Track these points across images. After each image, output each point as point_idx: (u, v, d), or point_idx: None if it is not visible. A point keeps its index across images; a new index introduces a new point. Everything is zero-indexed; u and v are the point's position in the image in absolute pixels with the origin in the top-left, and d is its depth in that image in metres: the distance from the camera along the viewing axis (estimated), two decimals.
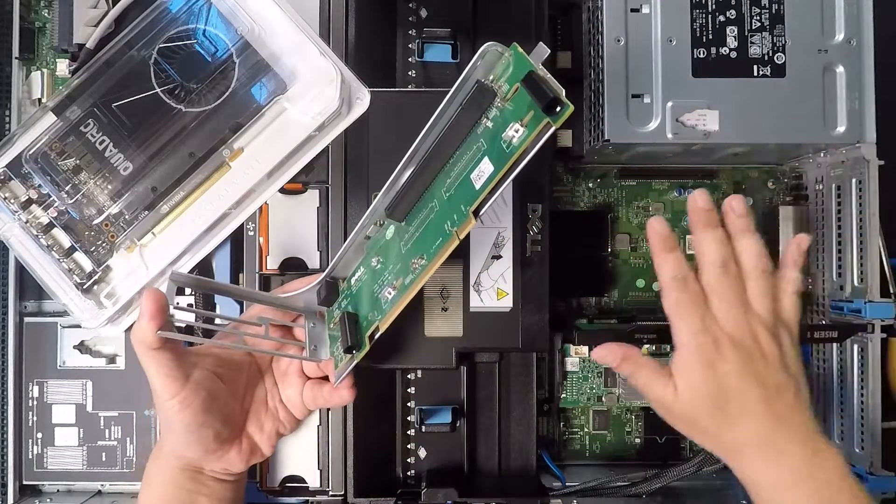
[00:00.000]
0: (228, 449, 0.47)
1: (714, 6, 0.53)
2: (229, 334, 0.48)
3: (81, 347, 0.56)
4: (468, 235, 0.41)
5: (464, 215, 0.39)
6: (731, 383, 0.42)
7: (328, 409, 0.54)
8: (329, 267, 0.47)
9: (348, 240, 0.46)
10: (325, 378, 0.49)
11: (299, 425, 0.53)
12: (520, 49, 0.38)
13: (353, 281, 0.47)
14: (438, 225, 0.41)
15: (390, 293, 0.43)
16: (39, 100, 0.57)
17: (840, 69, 0.53)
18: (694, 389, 0.42)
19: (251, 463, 0.49)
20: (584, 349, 0.59)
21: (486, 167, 0.39)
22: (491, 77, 0.40)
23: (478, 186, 0.39)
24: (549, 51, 0.38)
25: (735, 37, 0.53)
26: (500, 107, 0.39)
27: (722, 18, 0.53)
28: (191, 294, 0.57)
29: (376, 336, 0.44)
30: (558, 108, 0.36)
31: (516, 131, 0.37)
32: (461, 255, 0.50)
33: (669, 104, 0.52)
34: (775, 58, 0.53)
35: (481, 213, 0.39)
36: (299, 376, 0.50)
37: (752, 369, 0.42)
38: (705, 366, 0.42)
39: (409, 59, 0.57)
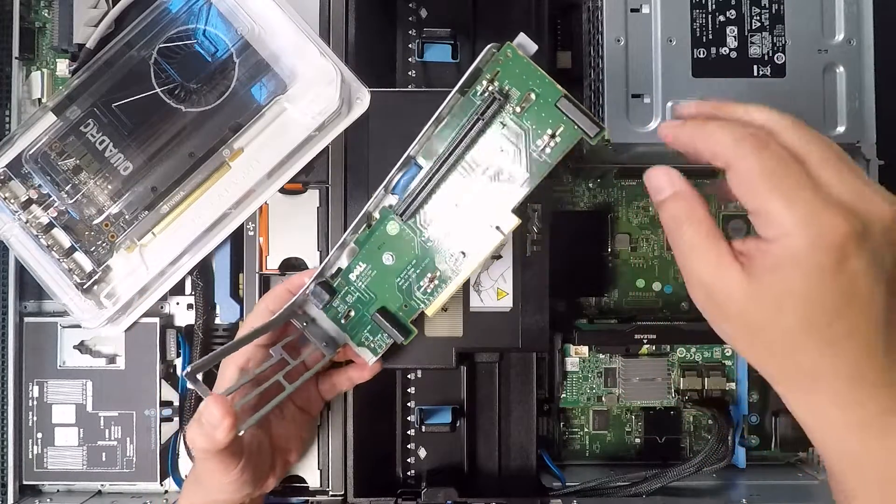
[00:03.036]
0: (267, 479, 0.48)
1: (714, 6, 0.53)
2: (271, 386, 0.45)
3: (81, 347, 0.56)
4: None
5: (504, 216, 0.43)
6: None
7: (328, 410, 0.54)
8: (317, 272, 0.47)
9: (337, 245, 0.46)
10: (333, 366, 0.50)
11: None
12: (535, 66, 0.41)
13: (352, 277, 0.46)
14: (475, 222, 0.43)
15: (428, 284, 0.45)
16: (39, 100, 0.57)
17: (840, 69, 0.53)
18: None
19: (284, 477, 0.50)
20: (584, 349, 0.59)
21: (518, 172, 0.42)
22: (492, 78, 0.41)
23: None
24: (536, 46, 0.41)
25: (735, 37, 0.53)
26: (514, 112, 0.41)
27: (722, 18, 0.53)
28: (190, 294, 0.57)
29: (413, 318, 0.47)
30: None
31: (548, 144, 0.41)
32: None
33: (669, 104, 0.52)
34: (775, 58, 0.53)
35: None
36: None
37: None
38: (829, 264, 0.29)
39: (409, 59, 0.57)
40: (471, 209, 0.44)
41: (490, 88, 0.42)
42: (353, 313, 0.47)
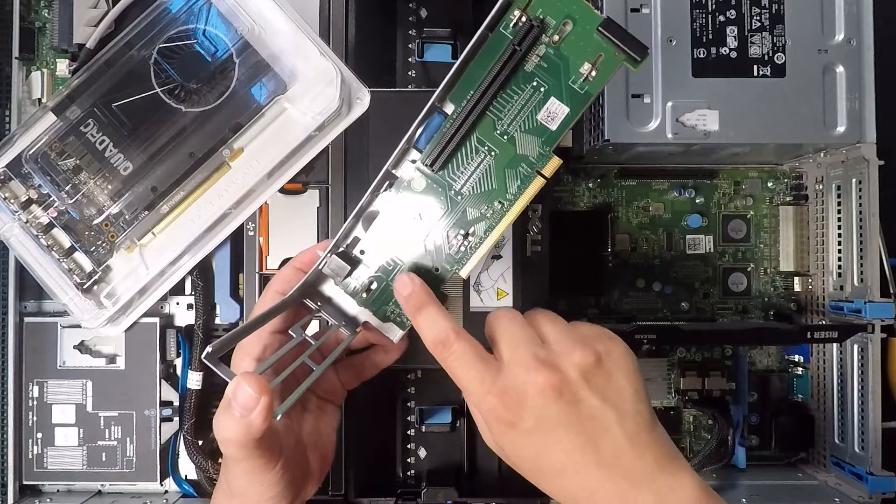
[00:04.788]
0: (307, 484, 0.43)
1: (714, 6, 0.53)
2: (297, 370, 0.40)
3: (81, 347, 0.56)
4: None
5: (546, 156, 0.41)
6: None
7: None
8: (333, 242, 0.43)
9: (354, 212, 0.43)
10: (352, 353, 0.47)
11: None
12: None
13: (374, 244, 0.44)
14: (511, 168, 0.41)
15: (462, 241, 0.42)
16: (39, 100, 0.57)
17: (840, 69, 0.53)
18: None
19: (323, 479, 0.45)
20: None
21: (557, 108, 0.40)
22: (524, 7, 0.39)
23: (554, 127, 0.40)
24: None
25: (735, 37, 0.53)
26: (551, 44, 0.39)
27: (722, 18, 0.53)
28: (190, 294, 0.57)
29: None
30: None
31: (589, 74, 0.39)
32: None
33: (669, 104, 0.52)
34: (775, 58, 0.53)
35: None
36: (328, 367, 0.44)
37: None
38: None
39: (409, 59, 0.57)
40: (506, 155, 0.41)
41: (523, 19, 0.39)
42: (375, 285, 0.43)
